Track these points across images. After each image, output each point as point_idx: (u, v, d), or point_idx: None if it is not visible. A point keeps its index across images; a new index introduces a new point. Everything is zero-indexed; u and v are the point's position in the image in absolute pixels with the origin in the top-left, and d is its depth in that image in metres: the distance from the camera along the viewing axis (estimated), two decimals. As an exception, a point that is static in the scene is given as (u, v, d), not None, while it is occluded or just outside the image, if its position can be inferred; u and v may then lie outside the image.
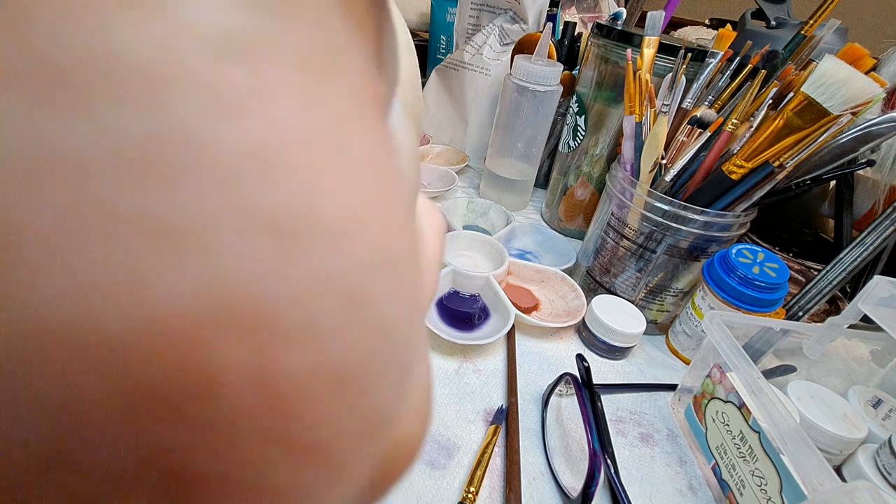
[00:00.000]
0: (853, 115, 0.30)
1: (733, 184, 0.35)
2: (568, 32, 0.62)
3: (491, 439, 0.31)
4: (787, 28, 0.70)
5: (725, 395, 0.31)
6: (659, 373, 0.40)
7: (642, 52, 0.40)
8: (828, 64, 0.30)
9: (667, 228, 0.38)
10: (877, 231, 0.37)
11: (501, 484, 0.29)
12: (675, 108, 0.40)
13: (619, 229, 0.42)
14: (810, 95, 0.30)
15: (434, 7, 0.72)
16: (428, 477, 0.29)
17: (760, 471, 0.27)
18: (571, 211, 0.57)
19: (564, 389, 0.36)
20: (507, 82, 0.54)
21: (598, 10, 0.74)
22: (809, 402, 0.32)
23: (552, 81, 0.52)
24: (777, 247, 0.47)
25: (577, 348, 0.41)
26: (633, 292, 0.43)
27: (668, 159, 0.39)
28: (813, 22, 0.40)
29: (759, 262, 0.37)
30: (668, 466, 0.32)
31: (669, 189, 0.39)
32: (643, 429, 0.35)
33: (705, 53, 0.41)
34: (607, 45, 0.47)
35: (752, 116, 0.36)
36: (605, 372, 0.39)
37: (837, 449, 0.31)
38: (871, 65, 0.32)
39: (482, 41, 0.65)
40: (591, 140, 0.52)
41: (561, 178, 0.57)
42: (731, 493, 0.29)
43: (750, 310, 0.36)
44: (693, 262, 0.40)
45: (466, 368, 0.37)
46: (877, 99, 0.29)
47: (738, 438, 0.29)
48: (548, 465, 0.31)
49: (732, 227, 0.37)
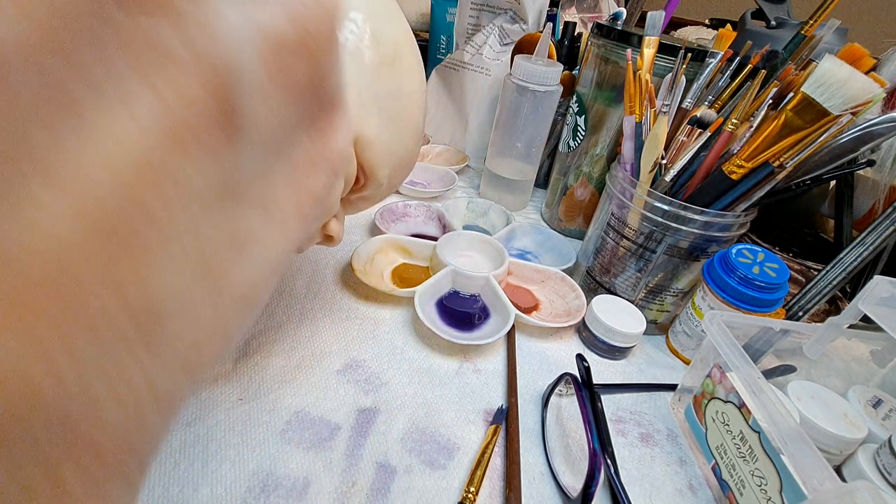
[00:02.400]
0: (853, 115, 0.30)
1: (733, 184, 0.35)
2: (568, 32, 0.62)
3: (491, 439, 0.31)
4: (787, 28, 0.70)
5: (725, 395, 0.31)
6: (659, 373, 0.40)
7: (642, 52, 0.40)
8: (828, 64, 0.30)
9: (667, 228, 0.38)
10: (877, 231, 0.37)
11: (501, 484, 0.29)
12: (675, 108, 0.40)
13: (619, 229, 0.42)
14: (810, 95, 0.30)
15: (434, 7, 0.72)
16: (428, 477, 0.29)
17: (760, 471, 0.27)
18: (571, 211, 0.57)
19: (564, 389, 0.36)
20: (507, 82, 0.54)
21: (598, 10, 0.74)
22: (809, 402, 0.32)
23: (552, 81, 0.52)
24: (777, 247, 0.47)
25: (577, 348, 0.41)
26: (633, 292, 0.43)
27: (668, 159, 0.39)
28: (813, 22, 0.40)
29: (759, 262, 0.37)
30: (668, 466, 0.32)
31: (669, 189, 0.39)
32: (643, 429, 0.35)
33: (705, 53, 0.41)
34: (607, 45, 0.47)
35: (752, 116, 0.36)
36: (605, 372, 0.39)
37: (837, 449, 0.31)
38: (871, 65, 0.32)
39: (482, 41, 0.65)
40: (591, 140, 0.52)
41: (561, 178, 0.57)
42: (731, 493, 0.29)
43: (750, 310, 0.36)
44: (693, 262, 0.40)
45: (466, 368, 0.37)
46: (877, 99, 0.29)
47: (738, 438, 0.29)
48: (548, 465, 0.31)
49: (732, 227, 0.37)
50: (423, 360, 0.37)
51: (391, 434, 0.31)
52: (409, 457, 0.30)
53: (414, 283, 0.41)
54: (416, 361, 0.37)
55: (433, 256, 0.45)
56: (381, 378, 0.35)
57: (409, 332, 0.39)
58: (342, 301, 0.41)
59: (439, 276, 0.42)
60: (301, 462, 0.28)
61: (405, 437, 0.31)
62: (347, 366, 0.35)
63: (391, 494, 0.27)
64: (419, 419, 0.32)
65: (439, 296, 0.42)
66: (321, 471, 0.28)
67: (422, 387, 0.35)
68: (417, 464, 0.29)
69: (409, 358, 0.37)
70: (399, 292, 0.40)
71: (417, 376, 0.35)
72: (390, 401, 0.33)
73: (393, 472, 0.29)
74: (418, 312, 0.37)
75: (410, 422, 0.32)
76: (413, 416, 0.32)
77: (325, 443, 0.29)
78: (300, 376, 0.34)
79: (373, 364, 0.36)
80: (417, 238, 0.47)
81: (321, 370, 0.34)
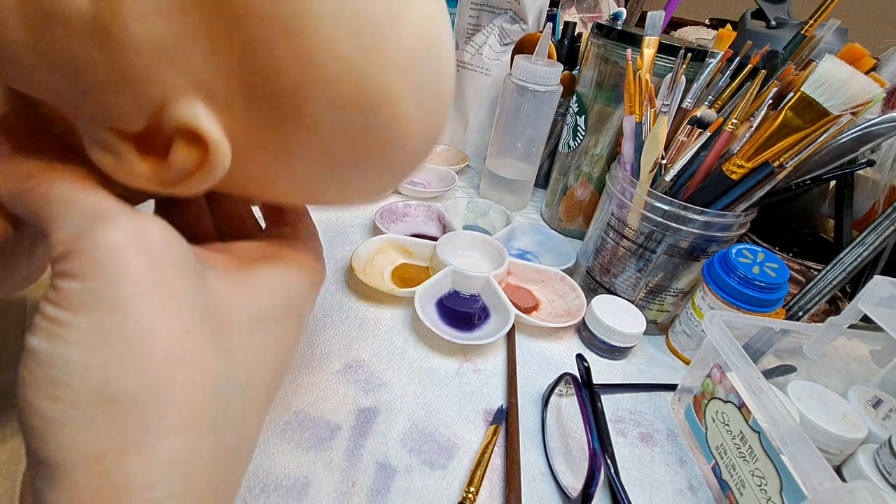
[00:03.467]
0: (853, 115, 0.30)
1: (733, 184, 0.35)
2: (568, 32, 0.62)
3: (491, 439, 0.31)
4: (787, 28, 0.70)
5: (725, 395, 0.31)
6: (659, 373, 0.40)
7: (642, 52, 0.40)
8: (828, 64, 0.30)
9: (667, 228, 0.38)
10: (877, 231, 0.37)
11: (501, 484, 0.29)
12: (675, 108, 0.40)
13: (619, 229, 0.42)
14: (810, 95, 0.30)
15: (434, 7, 0.72)
16: (428, 477, 0.29)
17: (760, 471, 0.27)
18: (571, 211, 0.57)
19: (564, 389, 0.36)
20: (507, 82, 0.54)
21: (598, 10, 0.74)
22: (809, 402, 0.32)
23: (552, 81, 0.52)
24: (777, 247, 0.47)
25: (577, 348, 0.41)
26: (633, 292, 0.43)
27: (668, 159, 0.39)
28: (813, 22, 0.40)
29: (759, 262, 0.37)
30: (668, 466, 0.32)
31: (669, 189, 0.39)
32: (643, 429, 0.35)
33: (705, 53, 0.41)
34: (607, 45, 0.47)
35: (752, 116, 0.36)
36: (605, 372, 0.39)
37: (837, 449, 0.31)
38: (871, 65, 0.32)
39: (482, 41, 0.65)
40: (591, 140, 0.52)
41: (561, 178, 0.57)
42: (731, 493, 0.29)
43: (750, 310, 0.36)
44: (693, 262, 0.40)
45: (466, 368, 0.37)
46: (877, 99, 0.29)
47: (738, 438, 0.29)
48: (548, 465, 0.31)
49: (732, 227, 0.37)
50: (423, 360, 0.37)
51: (391, 434, 0.31)
52: (409, 457, 0.30)
53: (414, 283, 0.41)
54: (416, 361, 0.37)
55: (433, 256, 0.45)
56: (381, 378, 0.35)
57: (409, 332, 0.39)
58: (342, 301, 0.41)
59: (439, 276, 0.41)
60: (301, 462, 0.28)
61: (405, 437, 0.31)
62: (347, 366, 0.35)
63: (391, 494, 0.27)
64: (419, 419, 0.32)
65: (439, 296, 0.42)
66: (321, 471, 0.28)
67: (422, 387, 0.35)
68: (417, 464, 0.29)
69: (409, 358, 0.37)
70: (399, 292, 0.40)
71: (417, 376, 0.35)
72: (390, 401, 0.33)
73: (393, 472, 0.29)
74: (418, 312, 0.37)
75: (410, 422, 0.32)
76: (413, 415, 0.32)
77: (325, 443, 0.29)
78: (300, 376, 0.34)
79: (373, 364, 0.36)
80: (417, 238, 0.47)
81: (321, 370, 0.34)
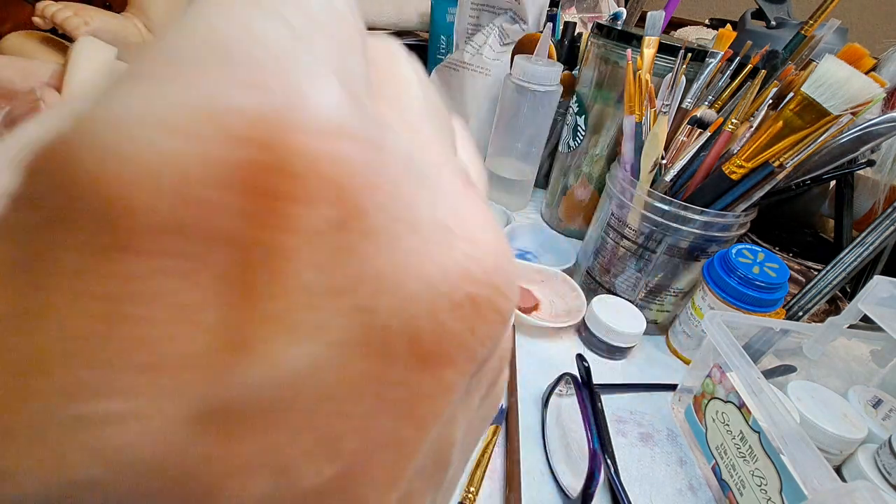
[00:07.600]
0: (853, 115, 0.30)
1: (733, 184, 0.35)
2: (568, 32, 0.62)
3: (491, 439, 0.31)
4: (787, 28, 0.70)
5: (725, 395, 0.31)
6: (659, 373, 0.40)
7: (642, 52, 0.40)
8: (828, 64, 0.30)
9: (667, 228, 0.38)
10: (877, 231, 0.37)
11: (501, 484, 0.29)
12: (675, 108, 0.40)
13: (619, 229, 0.42)
14: (810, 95, 0.30)
15: (434, 7, 0.72)
16: (428, 477, 0.29)
17: (760, 471, 0.27)
18: (571, 211, 0.57)
19: (564, 389, 0.36)
20: (507, 82, 0.54)
21: (598, 10, 0.74)
22: (809, 402, 0.32)
23: (552, 81, 0.52)
24: (777, 247, 0.47)
25: (577, 348, 0.41)
26: (633, 292, 0.43)
27: (668, 159, 0.39)
28: (813, 22, 0.40)
29: (759, 262, 0.37)
30: (668, 466, 0.32)
31: (669, 189, 0.39)
32: (643, 429, 0.35)
33: (705, 53, 0.41)
34: (607, 45, 0.47)
35: (752, 116, 0.36)
36: (605, 372, 0.39)
37: (837, 449, 0.31)
38: (871, 65, 0.32)
39: (482, 41, 0.65)
40: (591, 140, 0.52)
41: (561, 178, 0.57)
42: (731, 493, 0.29)
43: (750, 310, 0.36)
44: (693, 262, 0.40)
45: (466, 368, 0.37)
46: (877, 99, 0.29)
47: (738, 438, 0.29)
48: (548, 465, 0.31)
49: (732, 227, 0.37)
50: (423, 360, 0.37)
51: (391, 434, 0.31)
52: (409, 457, 0.30)
53: (414, 283, 0.41)
54: (416, 361, 0.37)
55: (433, 256, 0.45)
56: (381, 378, 0.35)
57: (409, 332, 0.39)
58: (342, 301, 0.41)
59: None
60: (301, 462, 0.28)
61: (405, 437, 0.31)
62: (347, 366, 0.35)
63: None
64: (419, 419, 0.32)
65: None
66: (321, 471, 0.28)
67: (422, 387, 0.35)
68: (417, 464, 0.29)
69: (409, 358, 0.37)
70: (399, 292, 0.40)
71: (417, 376, 0.35)
72: (390, 401, 0.33)
73: (393, 472, 0.29)
74: (418, 312, 0.37)
75: (410, 422, 0.32)
76: (413, 416, 0.32)
77: (325, 443, 0.29)
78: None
79: (373, 364, 0.36)
80: (417, 238, 0.47)
81: (321, 370, 0.34)
